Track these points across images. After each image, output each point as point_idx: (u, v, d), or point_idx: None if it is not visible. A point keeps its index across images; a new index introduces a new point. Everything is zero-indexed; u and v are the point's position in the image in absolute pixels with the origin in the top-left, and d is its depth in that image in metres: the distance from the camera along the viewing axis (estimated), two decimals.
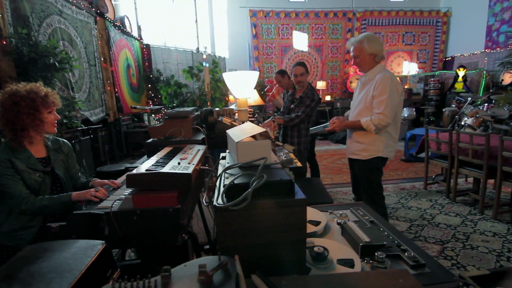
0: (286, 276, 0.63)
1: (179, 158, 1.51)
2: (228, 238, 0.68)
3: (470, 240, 2.50)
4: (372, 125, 1.99)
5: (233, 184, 0.69)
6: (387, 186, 3.91)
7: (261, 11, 9.25)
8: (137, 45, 6.60)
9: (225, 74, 1.41)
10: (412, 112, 7.27)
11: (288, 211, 0.69)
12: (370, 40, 2.04)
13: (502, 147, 2.69)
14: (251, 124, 1.10)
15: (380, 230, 1.11)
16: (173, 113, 2.14)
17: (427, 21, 9.87)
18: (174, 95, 4.75)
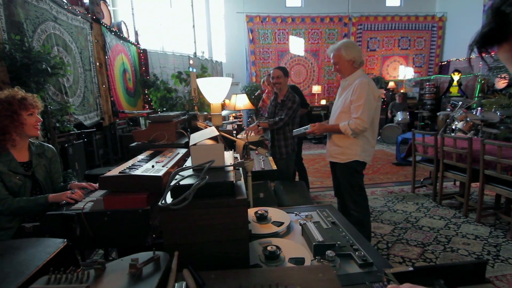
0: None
1: (155, 161, 1.56)
2: (171, 235, 0.73)
3: (451, 243, 2.53)
4: (349, 129, 2.04)
5: (177, 185, 0.74)
6: (376, 189, 3.95)
7: (257, 16, 9.37)
8: (134, 50, 6.69)
9: (199, 81, 1.47)
10: (406, 116, 7.32)
11: (229, 211, 0.74)
12: (348, 46, 2.11)
13: (484, 151, 2.73)
14: (213, 128, 1.15)
15: (339, 230, 1.16)
16: (157, 117, 2.20)
17: (422, 26, 9.96)
18: (164, 99, 4.82)
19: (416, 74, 9.99)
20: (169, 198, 0.74)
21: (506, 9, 0.41)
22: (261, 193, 1.92)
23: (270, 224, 1.21)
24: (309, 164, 5.50)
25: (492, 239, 2.57)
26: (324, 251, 0.97)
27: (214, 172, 0.83)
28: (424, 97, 8.74)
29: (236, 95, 3.81)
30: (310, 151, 6.94)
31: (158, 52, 7.46)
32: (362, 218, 2.23)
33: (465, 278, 0.71)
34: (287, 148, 2.85)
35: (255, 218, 1.25)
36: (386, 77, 9.95)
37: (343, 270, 0.92)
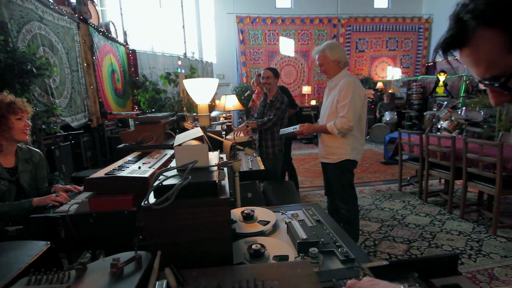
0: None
1: (142, 162, 1.56)
2: (154, 235, 0.74)
3: (436, 239, 2.60)
4: (335, 128, 2.08)
5: (160, 186, 0.75)
6: (364, 188, 4.02)
7: (247, 17, 9.39)
8: (122, 50, 6.62)
9: (185, 81, 1.48)
10: (393, 116, 7.46)
11: (211, 210, 0.75)
12: (332, 48, 2.15)
13: (466, 149, 2.81)
14: (198, 129, 1.16)
15: (323, 228, 1.18)
16: (144, 118, 2.20)
17: (409, 27, 10.16)
18: (152, 100, 4.79)
19: (404, 74, 10.18)
20: (152, 199, 0.74)
21: (464, 16, 0.44)
22: (249, 193, 1.94)
23: (256, 223, 1.23)
24: (299, 164, 5.55)
25: (475, 235, 2.65)
26: (308, 248, 0.99)
27: (198, 172, 0.85)
28: (412, 97, 8.91)
29: (226, 96, 3.82)
30: (300, 151, 7.00)
31: (148, 52, 7.41)
32: (351, 216, 2.27)
33: (438, 271, 0.74)
34: (274, 149, 2.88)
35: (242, 217, 1.27)
36: (374, 77, 10.11)
37: (326, 266, 0.95)
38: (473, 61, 0.46)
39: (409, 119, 8.14)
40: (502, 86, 0.44)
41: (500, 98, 0.47)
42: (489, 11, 0.41)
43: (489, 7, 0.40)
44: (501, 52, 0.42)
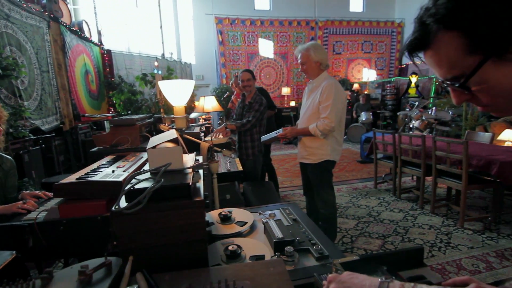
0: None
1: (116, 166, 1.52)
2: (126, 240, 0.72)
3: (408, 234, 2.72)
4: (318, 130, 2.11)
5: (132, 189, 0.74)
6: (342, 186, 4.13)
7: (227, 18, 9.37)
8: (97, 50, 6.40)
9: (160, 83, 1.46)
10: (369, 116, 7.71)
11: (185, 212, 0.75)
12: (316, 48, 2.17)
13: (435, 147, 2.96)
14: (172, 131, 1.15)
15: (299, 227, 1.21)
16: (119, 120, 2.14)
17: (383, 31, 10.55)
18: (128, 102, 4.67)
19: (378, 76, 10.56)
20: (124, 203, 0.73)
21: (426, 20, 0.47)
22: (227, 194, 1.93)
23: (234, 224, 1.23)
24: (279, 164, 5.61)
25: (444, 228, 2.80)
26: (284, 247, 1.01)
27: (171, 175, 0.84)
28: (386, 98, 9.26)
29: (205, 97, 3.79)
30: (280, 151, 7.07)
31: (124, 53, 7.20)
32: (329, 215, 2.31)
33: (406, 264, 0.78)
34: (254, 150, 2.90)
35: (219, 219, 1.27)
36: (351, 79, 10.40)
37: (301, 264, 0.97)
38: (435, 62, 0.49)
39: (384, 119, 8.45)
40: (462, 86, 0.47)
41: (461, 97, 0.50)
42: (448, 15, 0.44)
43: (448, 12, 0.43)
44: (460, 54, 0.45)
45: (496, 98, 0.46)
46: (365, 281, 0.58)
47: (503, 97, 0.46)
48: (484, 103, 0.48)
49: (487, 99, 0.47)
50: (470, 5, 0.41)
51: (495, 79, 0.44)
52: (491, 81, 0.44)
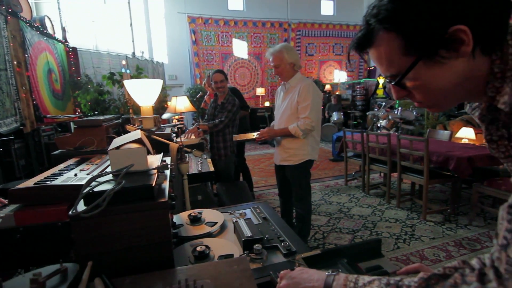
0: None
1: (79, 169, 1.46)
2: (85, 245, 0.70)
3: (376, 228, 2.85)
4: (299, 130, 2.11)
5: (90, 192, 0.71)
6: (315, 184, 4.23)
7: (200, 18, 9.26)
8: (61, 48, 6.06)
9: (126, 82, 1.41)
10: (340, 116, 7.97)
11: (148, 214, 0.73)
12: (289, 50, 2.17)
13: (399, 145, 3.13)
14: (137, 132, 1.12)
15: (269, 224, 1.23)
16: (84, 121, 2.05)
17: (353, 34, 10.94)
18: (95, 102, 4.47)
19: (349, 77, 10.94)
20: (83, 206, 0.71)
21: (370, 19, 0.50)
22: (199, 195, 1.92)
23: (204, 225, 1.22)
24: (254, 164, 5.63)
25: (409, 221, 2.96)
26: (253, 245, 1.02)
27: (135, 176, 0.82)
28: (356, 99, 9.62)
29: (177, 98, 3.72)
30: (256, 151, 7.11)
31: (91, 51, 6.88)
32: (304, 214, 2.34)
33: (365, 255, 0.82)
34: (226, 150, 2.89)
35: (189, 220, 1.25)
36: (323, 80, 10.69)
37: (270, 261, 0.99)
38: (377, 59, 0.53)
39: (354, 119, 8.77)
40: (398, 84, 0.51)
41: (399, 93, 0.54)
42: (388, 17, 0.47)
43: (388, 13, 0.47)
44: (397, 53, 0.49)
45: (427, 95, 0.51)
46: (313, 275, 0.61)
47: (434, 95, 0.50)
48: (418, 100, 0.52)
49: (420, 96, 0.52)
50: (407, 9, 0.45)
51: (426, 78, 0.48)
52: (422, 80, 0.49)
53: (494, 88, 0.45)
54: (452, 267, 0.46)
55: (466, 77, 0.47)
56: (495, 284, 0.40)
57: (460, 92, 0.49)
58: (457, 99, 0.51)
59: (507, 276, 0.38)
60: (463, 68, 0.46)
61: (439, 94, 0.50)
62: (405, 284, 0.48)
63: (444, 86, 0.48)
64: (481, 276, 0.42)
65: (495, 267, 0.40)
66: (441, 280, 0.45)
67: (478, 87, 0.48)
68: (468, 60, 0.45)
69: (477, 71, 0.46)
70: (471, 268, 0.44)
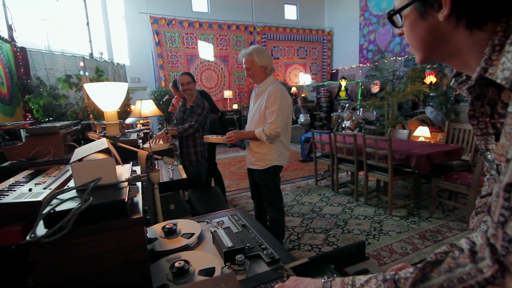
0: None
1: (34, 183, 1.31)
2: (49, 273, 0.61)
3: (347, 225, 2.94)
4: (264, 135, 2.09)
5: (53, 212, 0.62)
6: (286, 186, 4.28)
7: (163, 19, 8.96)
8: (7, 48, 5.49)
9: (87, 86, 1.30)
10: (307, 118, 8.18)
11: (121, 233, 0.66)
12: (260, 52, 2.14)
13: (365, 145, 3.27)
14: (103, 140, 1.03)
15: (249, 232, 1.19)
16: (37, 129, 1.85)
17: (315, 38, 11.33)
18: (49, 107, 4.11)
19: (313, 80, 11.29)
20: (43, 229, 0.61)
21: None
22: (171, 205, 1.82)
23: (180, 238, 1.15)
24: (225, 168, 5.56)
25: (377, 217, 3.10)
26: (234, 256, 0.97)
27: (103, 191, 0.74)
28: (321, 100, 9.95)
29: (141, 101, 3.54)
30: (226, 154, 7.03)
31: (43, 51, 6.33)
32: (277, 218, 2.33)
33: (350, 259, 0.82)
34: (197, 155, 2.80)
35: (163, 233, 1.17)
36: (289, 83, 10.90)
37: (253, 271, 0.95)
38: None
39: (320, 120, 9.06)
40: (389, 17, 0.55)
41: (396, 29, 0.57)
42: None
43: None
44: None
45: (408, 40, 0.55)
46: (310, 284, 0.59)
47: (412, 42, 0.54)
48: (406, 41, 0.56)
49: (406, 38, 0.55)
50: None
51: (409, 23, 0.52)
52: (407, 23, 0.53)
53: (489, 60, 0.45)
54: (442, 252, 0.46)
55: (445, 41, 0.50)
56: (489, 261, 0.40)
57: (440, 52, 0.52)
58: (438, 58, 0.54)
59: (504, 252, 0.38)
60: (444, 32, 0.49)
61: (416, 44, 0.54)
62: (401, 277, 0.48)
63: (421, 38, 0.52)
64: (473, 254, 0.42)
65: (491, 244, 0.41)
66: (435, 267, 0.45)
67: (464, 58, 0.50)
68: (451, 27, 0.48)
69: (460, 41, 0.48)
70: (460, 249, 0.44)
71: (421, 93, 5.27)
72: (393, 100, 5.50)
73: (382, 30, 9.36)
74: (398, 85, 5.64)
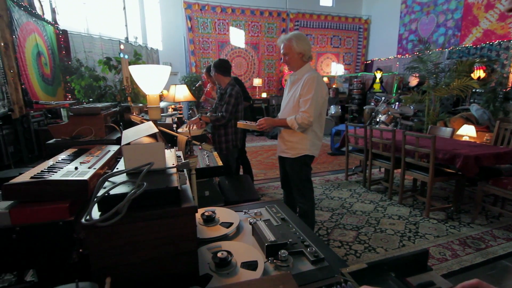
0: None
1: (79, 161, 1.34)
2: (101, 258, 0.60)
3: (380, 224, 2.81)
4: (296, 123, 2.04)
5: (107, 196, 0.60)
6: (315, 178, 4.18)
7: (196, 4, 8.95)
8: (50, 30, 5.76)
9: (132, 68, 1.28)
10: (338, 109, 7.91)
11: (173, 221, 0.64)
12: (299, 39, 2.07)
13: (405, 141, 3.08)
14: (150, 123, 1.01)
15: (289, 227, 1.14)
16: (81, 109, 1.91)
17: (351, 27, 10.81)
18: (89, 88, 4.26)
19: (346, 71, 10.85)
20: (97, 212, 0.60)
21: None
22: (206, 191, 1.82)
23: (219, 226, 1.13)
24: (252, 156, 5.54)
25: (412, 218, 2.94)
26: (277, 251, 0.93)
27: (153, 176, 0.72)
28: (353, 92, 9.56)
29: (176, 86, 3.57)
30: (253, 143, 7.01)
31: (82, 34, 6.58)
32: (307, 209, 2.29)
33: (411, 268, 0.74)
34: (228, 144, 2.78)
35: (202, 220, 1.16)
36: (320, 72, 10.57)
37: (297, 268, 0.91)
38: None
39: (351, 113, 8.73)
40: None
41: None
42: None
43: None
44: None
45: None
46: None
47: None
48: None
49: None
50: None
51: None
52: None
53: None
54: None
55: None
56: None
57: None
58: None
59: None
60: None
61: None
62: None
63: None
64: None
65: None
66: None
67: None
68: None
69: None
70: None
71: (468, 89, 4.86)
72: (436, 95, 5.13)
73: (425, 19, 8.71)
74: (443, 79, 5.23)
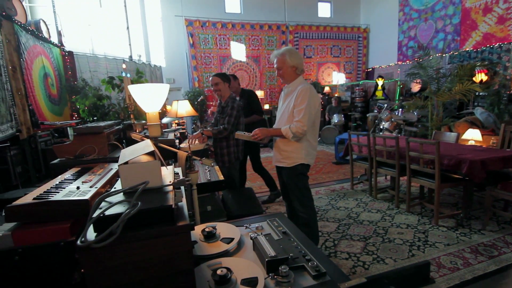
0: None
1: (82, 181, 1.35)
2: (97, 279, 0.60)
3: (388, 234, 2.75)
4: (290, 132, 2.10)
5: (102, 216, 0.61)
6: (320, 188, 4.14)
7: (197, 21, 9.19)
8: (57, 52, 5.95)
9: (131, 87, 1.31)
10: (341, 118, 7.91)
11: (169, 240, 0.64)
12: (292, 53, 2.17)
13: (408, 148, 3.05)
14: (147, 142, 1.02)
15: (290, 240, 1.13)
16: (83, 129, 1.94)
17: (350, 36, 10.94)
18: (94, 107, 4.35)
19: (347, 79, 10.91)
20: (92, 233, 0.60)
21: None
22: (208, 206, 1.81)
23: (220, 242, 1.12)
24: None
25: (421, 226, 2.87)
26: (278, 267, 0.92)
27: (149, 194, 0.72)
28: (355, 100, 9.56)
29: (178, 101, 3.62)
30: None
31: (87, 54, 6.78)
32: (309, 219, 2.28)
33: (412, 281, 0.73)
34: (230, 156, 2.80)
35: (203, 237, 1.15)
36: (322, 82, 10.64)
37: (298, 284, 0.89)
38: None
39: (354, 121, 8.71)
40: None
41: None
42: None
43: None
44: None
45: None
46: None
47: None
48: None
49: None
50: None
51: None
52: None
53: None
54: None
55: None
56: None
57: None
58: None
59: None
60: None
61: None
62: None
63: None
64: None
65: None
66: None
67: None
68: None
69: None
70: None
71: (471, 93, 4.83)
72: (438, 100, 5.11)
73: (424, 26, 8.78)
74: (444, 83, 5.22)
